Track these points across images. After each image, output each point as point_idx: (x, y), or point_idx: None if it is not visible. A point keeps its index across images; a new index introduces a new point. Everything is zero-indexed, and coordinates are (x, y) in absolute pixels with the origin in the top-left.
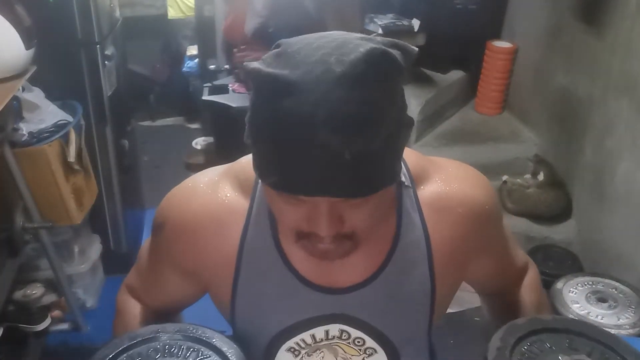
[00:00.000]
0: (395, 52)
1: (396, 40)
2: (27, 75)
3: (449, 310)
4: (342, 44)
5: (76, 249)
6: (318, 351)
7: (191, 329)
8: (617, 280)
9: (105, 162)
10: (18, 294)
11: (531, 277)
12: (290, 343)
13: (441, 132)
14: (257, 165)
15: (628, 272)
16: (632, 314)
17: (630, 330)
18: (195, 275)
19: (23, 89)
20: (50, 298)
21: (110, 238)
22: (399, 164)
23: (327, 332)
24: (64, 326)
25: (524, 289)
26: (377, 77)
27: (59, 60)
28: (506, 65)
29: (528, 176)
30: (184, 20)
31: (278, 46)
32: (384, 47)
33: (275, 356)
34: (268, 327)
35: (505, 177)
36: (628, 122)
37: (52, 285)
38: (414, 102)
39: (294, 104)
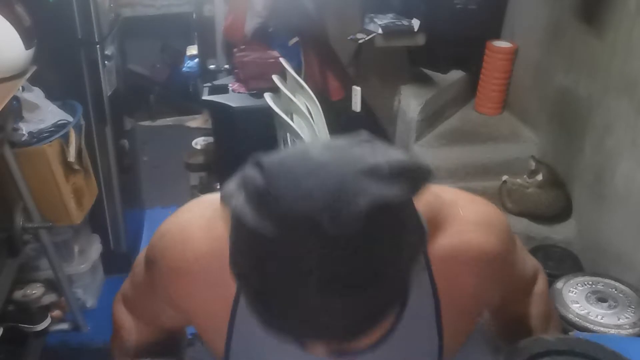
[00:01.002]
0: (402, 189)
1: (407, 163)
2: (27, 75)
3: None
4: (336, 190)
5: (76, 249)
6: None
7: None
8: (617, 280)
9: (105, 162)
10: (18, 294)
11: (539, 287)
12: None
13: (441, 132)
14: (244, 294)
15: (628, 272)
16: (632, 314)
17: (630, 330)
18: (187, 316)
19: (23, 89)
20: (50, 298)
21: (110, 238)
22: (410, 284)
23: None
24: (64, 326)
25: (532, 299)
26: (380, 231)
27: (59, 60)
28: (506, 65)
29: (528, 176)
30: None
31: (261, 169)
32: (388, 196)
33: None
34: None
35: (505, 177)
36: (628, 122)
37: (52, 285)
38: (414, 102)
39: (279, 265)
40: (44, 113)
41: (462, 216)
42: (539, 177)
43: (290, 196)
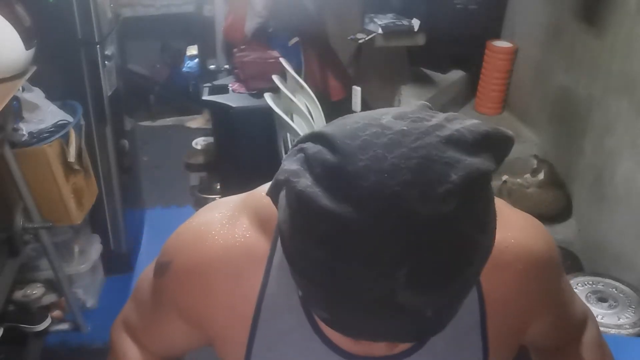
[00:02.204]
0: (489, 160)
1: (489, 132)
2: (27, 76)
3: None
4: (423, 163)
5: (76, 249)
6: None
7: None
8: (618, 280)
9: (105, 162)
10: (18, 294)
11: (591, 333)
12: None
13: None
14: (301, 290)
15: (628, 272)
16: (632, 314)
17: (631, 330)
18: (202, 328)
19: (23, 89)
20: (50, 298)
21: (110, 238)
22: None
23: None
24: (64, 326)
25: (584, 347)
26: (471, 208)
27: (59, 61)
28: (506, 65)
29: (528, 176)
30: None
31: (330, 145)
32: (481, 167)
33: None
34: None
35: (505, 177)
36: (628, 122)
37: (52, 286)
38: (414, 102)
39: (363, 254)
40: (44, 113)
41: (508, 218)
42: (541, 175)
43: (372, 172)
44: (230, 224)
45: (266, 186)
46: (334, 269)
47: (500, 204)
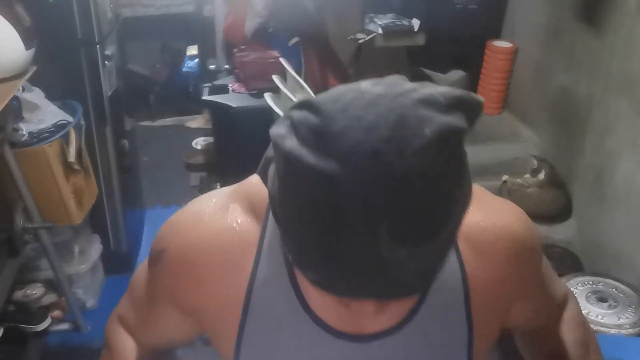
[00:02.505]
0: (460, 119)
1: (461, 95)
2: (27, 76)
3: None
4: (399, 120)
5: (76, 249)
6: None
7: None
8: (617, 280)
9: (105, 162)
10: (18, 294)
11: (572, 311)
12: None
13: None
14: (289, 247)
15: (628, 272)
16: (632, 314)
17: (630, 330)
18: (195, 315)
19: (23, 89)
20: (50, 298)
21: (111, 238)
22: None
23: None
24: (64, 326)
25: (566, 325)
26: (446, 164)
27: (59, 61)
28: (506, 65)
29: (528, 176)
30: None
31: (313, 109)
32: (453, 124)
33: None
34: None
35: (505, 177)
36: (628, 122)
37: (52, 286)
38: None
39: (347, 207)
40: (44, 113)
41: (488, 202)
42: (541, 175)
43: (353, 130)
44: (222, 211)
45: (256, 178)
46: (322, 224)
47: (480, 191)
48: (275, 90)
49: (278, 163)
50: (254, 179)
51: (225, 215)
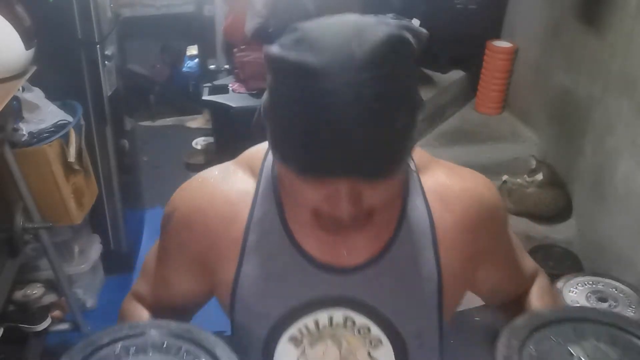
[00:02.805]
0: (408, 36)
1: (408, 24)
2: (27, 76)
3: None
4: (361, 27)
5: (76, 249)
6: (321, 342)
7: (182, 326)
8: (617, 280)
9: (105, 162)
10: (18, 294)
11: (542, 282)
12: (293, 330)
13: (441, 132)
14: (278, 147)
15: (628, 272)
16: (632, 314)
17: None
18: (203, 265)
19: (23, 89)
20: (50, 298)
21: (110, 238)
22: (414, 143)
23: (331, 318)
24: (64, 326)
25: (535, 292)
26: (397, 58)
27: (59, 61)
28: (506, 65)
29: (527, 176)
30: None
31: (294, 30)
32: (402, 35)
33: (275, 349)
34: (270, 311)
35: (505, 177)
36: (628, 122)
37: (52, 286)
38: None
39: (321, 90)
40: (44, 113)
41: (454, 167)
42: (539, 176)
43: (325, 34)
44: (224, 173)
45: (257, 146)
46: (304, 109)
47: (452, 163)
48: None
49: (268, 77)
50: (252, 149)
51: (227, 175)
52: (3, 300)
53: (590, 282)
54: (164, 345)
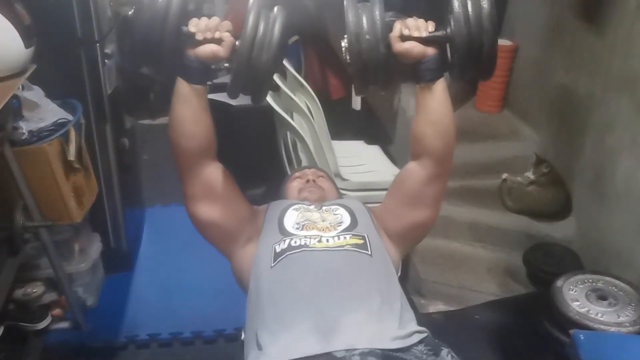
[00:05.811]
0: None
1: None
2: (27, 74)
3: (449, 308)
4: None
5: (76, 248)
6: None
7: None
8: (617, 278)
9: (106, 161)
10: (18, 293)
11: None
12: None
13: None
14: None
15: (628, 270)
16: (632, 312)
17: (630, 328)
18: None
19: (23, 88)
20: (51, 297)
21: (111, 237)
22: None
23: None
24: (65, 325)
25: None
26: None
27: (59, 59)
28: (506, 63)
29: (528, 174)
30: None
31: None
32: None
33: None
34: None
35: (505, 175)
36: (628, 120)
37: (52, 284)
38: (414, 100)
39: None
40: (44, 112)
41: None
42: (541, 173)
43: None
44: None
45: None
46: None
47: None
48: (275, 88)
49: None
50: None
51: None
52: (3, 298)
53: (590, 280)
54: None
